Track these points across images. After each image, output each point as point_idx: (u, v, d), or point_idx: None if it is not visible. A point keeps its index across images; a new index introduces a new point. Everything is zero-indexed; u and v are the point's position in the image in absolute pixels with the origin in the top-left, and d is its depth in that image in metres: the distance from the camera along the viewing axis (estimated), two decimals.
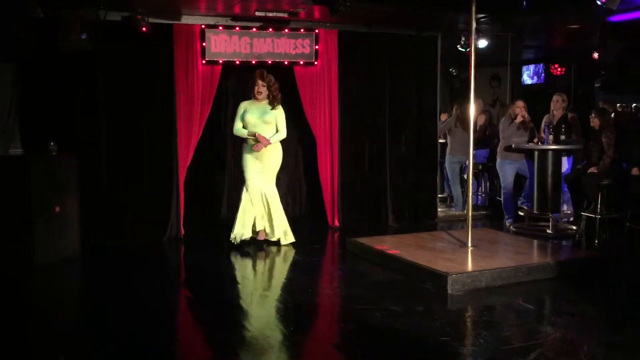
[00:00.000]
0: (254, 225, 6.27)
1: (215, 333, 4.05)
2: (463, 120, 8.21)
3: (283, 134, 6.23)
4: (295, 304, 4.65)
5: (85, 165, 6.08)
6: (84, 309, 4.78)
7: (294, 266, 5.71)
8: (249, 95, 6.33)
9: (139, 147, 6.55)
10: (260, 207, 6.25)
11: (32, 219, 5.48)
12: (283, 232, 6.32)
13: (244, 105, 6.26)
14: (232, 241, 6.21)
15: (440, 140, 8.35)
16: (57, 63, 6.07)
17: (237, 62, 6.87)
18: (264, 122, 6.14)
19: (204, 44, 6.69)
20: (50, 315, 4.38)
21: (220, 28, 6.78)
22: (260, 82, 6.15)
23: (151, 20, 6.23)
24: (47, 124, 6.15)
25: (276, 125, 6.19)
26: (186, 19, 6.65)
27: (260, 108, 6.18)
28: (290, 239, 6.34)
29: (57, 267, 5.53)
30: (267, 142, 6.09)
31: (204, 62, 6.72)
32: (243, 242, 6.25)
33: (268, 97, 6.19)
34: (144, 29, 6.13)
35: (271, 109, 6.17)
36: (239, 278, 5.40)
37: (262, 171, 6.22)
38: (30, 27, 5.69)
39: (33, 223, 5.48)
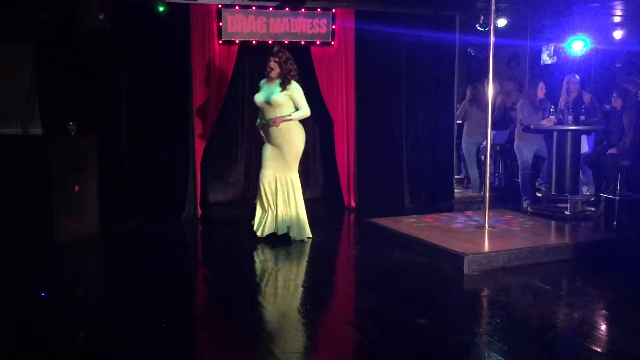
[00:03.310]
0: (276, 223, 5.68)
1: (232, 311, 4.10)
2: (479, 100, 8.15)
3: (304, 111, 5.52)
4: (312, 283, 4.69)
5: (104, 145, 6.13)
6: (103, 287, 4.86)
7: (311, 246, 5.74)
8: (263, 76, 6.26)
9: (156, 127, 6.58)
10: (280, 197, 5.63)
11: (51, 198, 5.54)
12: (298, 225, 5.70)
13: (260, 84, 5.72)
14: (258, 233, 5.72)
15: (457, 122, 8.30)
16: (76, 43, 6.10)
17: (254, 42, 6.85)
18: (269, 104, 5.48)
19: (220, 23, 6.68)
20: (69, 294, 4.45)
21: (237, 8, 6.76)
22: (271, 57, 5.48)
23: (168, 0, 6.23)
24: (67, 104, 6.20)
25: (294, 105, 5.52)
26: None
27: (269, 89, 5.54)
28: (306, 234, 5.75)
29: (76, 245, 5.59)
30: (279, 121, 5.46)
31: (220, 42, 6.72)
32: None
33: (280, 75, 5.52)
34: (160, 9, 6.14)
35: (281, 91, 5.44)
36: (256, 257, 5.44)
37: (282, 158, 5.59)
38: (49, 7, 5.72)
39: (52, 202, 5.54)
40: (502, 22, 7.89)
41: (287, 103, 5.50)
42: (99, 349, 3.46)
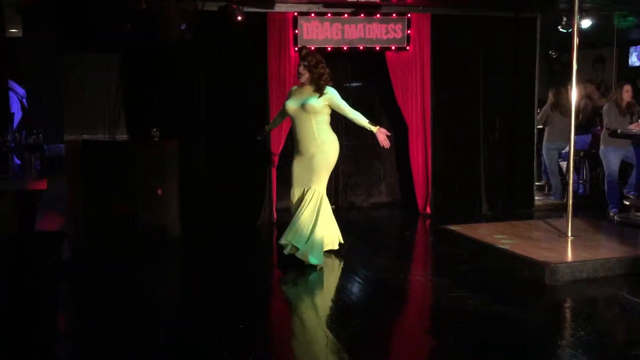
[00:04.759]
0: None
1: (307, 312, 4.13)
2: (561, 104, 7.85)
3: (355, 112, 5.13)
4: (387, 289, 4.65)
5: (185, 151, 6.35)
6: (184, 289, 5.02)
7: (386, 252, 5.69)
8: (339, 81, 6.29)
9: (234, 133, 6.74)
10: (306, 214, 5.07)
11: (136, 201, 5.79)
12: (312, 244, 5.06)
13: (292, 90, 5.33)
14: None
15: (538, 127, 8.02)
16: (158, 53, 6.36)
17: (329, 49, 6.90)
18: (303, 110, 5.05)
19: (296, 31, 6.77)
20: (151, 294, 4.63)
21: (313, 15, 6.84)
22: (300, 62, 5.08)
23: (246, 9, 6.40)
24: (150, 111, 6.47)
25: (335, 111, 5.14)
26: (279, 7, 6.75)
27: (301, 95, 5.13)
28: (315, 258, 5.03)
29: (159, 247, 5.82)
30: (384, 132, 5.08)
31: (296, 49, 6.80)
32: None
33: (311, 80, 5.10)
34: (239, 18, 6.31)
35: (319, 96, 5.03)
36: (330, 261, 5.44)
37: (310, 167, 5.11)
38: (134, 19, 5.99)
39: (137, 205, 5.79)
40: (586, 23, 7.56)
41: (324, 110, 5.10)
42: (179, 346, 3.57)
